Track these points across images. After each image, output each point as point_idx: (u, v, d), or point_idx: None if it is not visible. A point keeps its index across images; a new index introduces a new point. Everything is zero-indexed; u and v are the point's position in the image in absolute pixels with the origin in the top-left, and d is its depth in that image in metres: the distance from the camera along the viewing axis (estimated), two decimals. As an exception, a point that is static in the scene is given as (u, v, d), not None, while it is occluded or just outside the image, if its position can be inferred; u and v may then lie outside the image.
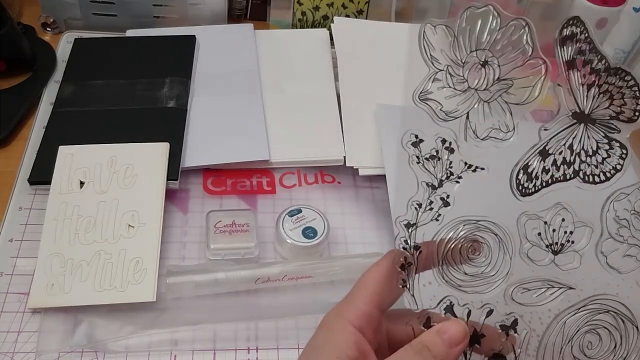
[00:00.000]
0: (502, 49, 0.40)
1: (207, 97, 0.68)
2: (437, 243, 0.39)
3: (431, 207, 0.40)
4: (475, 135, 0.40)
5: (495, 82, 0.40)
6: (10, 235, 0.56)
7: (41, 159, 0.60)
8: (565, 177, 0.40)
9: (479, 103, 0.41)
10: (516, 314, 0.38)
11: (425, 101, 0.41)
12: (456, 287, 0.39)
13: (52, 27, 0.76)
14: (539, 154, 0.40)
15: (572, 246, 0.40)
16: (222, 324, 0.52)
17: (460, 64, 0.41)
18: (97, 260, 0.53)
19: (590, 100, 0.39)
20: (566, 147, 0.40)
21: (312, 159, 0.65)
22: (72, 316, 0.50)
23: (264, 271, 0.53)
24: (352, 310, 0.37)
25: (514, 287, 0.39)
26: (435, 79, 0.41)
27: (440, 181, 0.40)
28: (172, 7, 0.77)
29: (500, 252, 0.39)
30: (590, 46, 0.39)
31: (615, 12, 0.81)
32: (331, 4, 0.80)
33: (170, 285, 0.52)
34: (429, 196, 0.40)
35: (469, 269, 0.39)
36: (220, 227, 0.56)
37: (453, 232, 0.39)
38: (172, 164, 0.60)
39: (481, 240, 0.39)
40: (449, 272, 0.39)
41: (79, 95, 0.66)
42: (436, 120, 0.41)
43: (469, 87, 0.41)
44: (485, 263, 0.39)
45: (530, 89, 0.40)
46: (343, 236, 0.60)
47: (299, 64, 0.74)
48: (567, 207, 0.40)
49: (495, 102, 0.40)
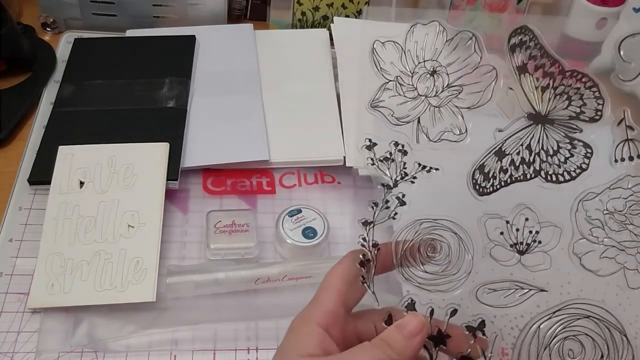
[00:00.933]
0: (450, 59, 0.43)
1: (207, 97, 0.68)
2: (394, 242, 0.39)
3: (387, 206, 0.41)
4: (427, 138, 0.42)
5: (445, 88, 0.43)
6: (10, 235, 0.56)
7: (41, 159, 0.60)
8: (526, 177, 0.41)
9: (429, 108, 0.43)
10: (483, 316, 0.38)
11: (377, 108, 0.43)
12: (417, 286, 0.39)
13: (52, 27, 0.76)
14: (495, 154, 0.41)
15: (540, 246, 0.40)
16: (222, 324, 0.52)
17: (409, 74, 0.43)
18: (97, 260, 0.52)
19: (546, 102, 0.41)
20: (524, 147, 0.41)
21: (311, 159, 0.65)
22: (72, 316, 0.50)
23: (264, 271, 0.53)
24: (317, 310, 0.38)
25: (479, 287, 0.39)
26: (386, 88, 0.43)
27: (395, 181, 0.41)
28: (171, 7, 0.77)
29: (462, 251, 0.40)
30: (542, 51, 0.41)
31: (615, 12, 0.81)
32: (331, 4, 0.80)
33: (170, 285, 0.52)
34: (384, 195, 0.41)
35: (429, 267, 0.40)
36: (220, 227, 0.56)
37: (411, 230, 0.40)
38: (172, 164, 0.60)
39: (440, 239, 0.40)
40: (409, 270, 0.40)
41: (79, 95, 0.66)
42: (388, 125, 0.43)
43: (418, 95, 0.43)
44: (446, 262, 0.40)
45: (482, 93, 0.42)
46: (343, 236, 0.60)
47: (298, 64, 0.74)
48: (530, 206, 0.40)
49: (446, 107, 0.43)
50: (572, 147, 0.40)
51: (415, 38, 0.44)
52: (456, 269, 0.40)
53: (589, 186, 0.40)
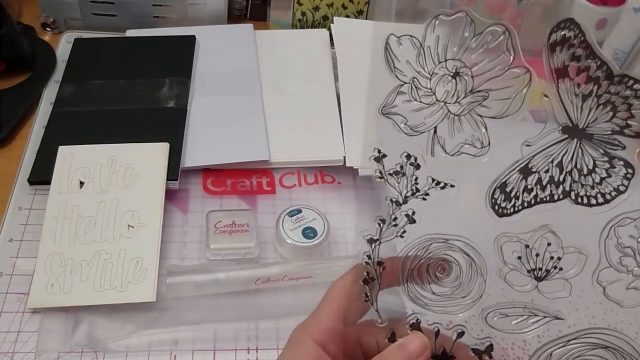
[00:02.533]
0: (477, 59, 0.37)
1: (207, 97, 0.68)
2: (402, 260, 0.37)
3: (395, 224, 0.38)
4: (443, 150, 0.38)
5: (468, 94, 0.37)
6: (10, 235, 0.56)
7: (41, 159, 0.60)
8: (553, 198, 0.36)
9: (448, 116, 0.38)
10: (492, 339, 0.36)
11: (389, 115, 0.38)
12: (423, 306, 0.37)
13: (52, 27, 0.76)
14: (520, 171, 0.37)
15: (561, 273, 0.37)
16: (222, 324, 0.52)
17: (427, 75, 0.38)
18: (97, 260, 0.52)
19: (586, 112, 0.35)
20: (554, 164, 0.36)
21: (312, 159, 0.65)
22: (72, 316, 0.50)
23: (264, 271, 0.53)
24: (315, 326, 0.37)
25: (489, 311, 0.37)
26: (400, 92, 0.38)
27: (405, 197, 0.38)
28: (172, 7, 0.77)
29: (473, 273, 0.37)
30: (588, 51, 0.35)
31: (615, 12, 0.81)
32: (331, 4, 0.80)
33: (171, 285, 0.52)
34: (392, 212, 0.38)
35: (437, 288, 0.37)
36: (220, 227, 0.56)
37: (420, 249, 0.37)
38: (172, 164, 0.60)
39: (450, 260, 0.37)
40: (415, 289, 0.37)
41: (79, 95, 0.66)
42: (400, 134, 0.38)
43: (436, 100, 0.38)
44: (456, 284, 0.37)
45: (511, 100, 0.36)
46: (343, 236, 0.60)
47: (298, 64, 0.74)
48: (555, 230, 0.37)
49: (467, 115, 0.37)
50: (610, 166, 0.35)
51: (437, 32, 0.37)
52: (466, 292, 0.37)
53: (624, 210, 0.35)
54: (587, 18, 0.82)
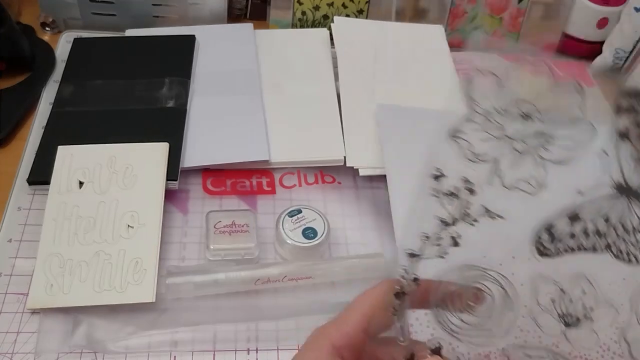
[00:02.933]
0: (549, 105, 0.39)
1: (206, 97, 0.68)
2: (438, 282, 0.37)
3: (439, 243, 0.37)
4: (501, 182, 0.38)
5: (535, 136, 0.38)
6: (9, 236, 0.56)
7: (40, 159, 0.60)
8: (594, 248, 0.37)
9: (512, 152, 0.39)
10: None
11: (456, 139, 0.39)
12: (449, 333, 0.37)
13: (51, 26, 0.76)
14: (568, 217, 0.37)
15: (591, 324, 0.37)
16: (222, 325, 0.52)
17: (501, 111, 0.39)
18: (97, 260, 0.52)
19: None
20: (601, 216, 0.37)
21: (312, 159, 0.64)
22: (72, 317, 0.50)
23: (263, 272, 0.53)
24: (336, 330, 0.37)
25: (513, 349, 0.37)
26: (471, 120, 0.39)
27: (454, 219, 0.38)
28: (171, 7, 0.76)
29: (505, 307, 0.37)
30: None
31: (616, 12, 0.81)
32: (331, 4, 0.79)
33: (170, 286, 0.51)
34: (439, 232, 0.38)
35: (466, 317, 0.37)
36: (220, 227, 0.56)
37: (458, 275, 0.37)
38: (172, 164, 0.59)
39: (485, 291, 0.37)
40: (445, 314, 0.37)
41: (78, 95, 0.66)
42: (463, 159, 0.39)
43: (504, 136, 0.39)
44: (486, 315, 0.37)
45: (574, 151, 0.38)
46: (343, 237, 0.59)
47: (299, 64, 0.74)
48: (591, 280, 0.37)
49: (531, 155, 0.38)
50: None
51: (518, 76, 0.39)
52: (495, 325, 0.37)
53: None
54: (588, 17, 0.82)
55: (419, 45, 0.77)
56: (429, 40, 0.78)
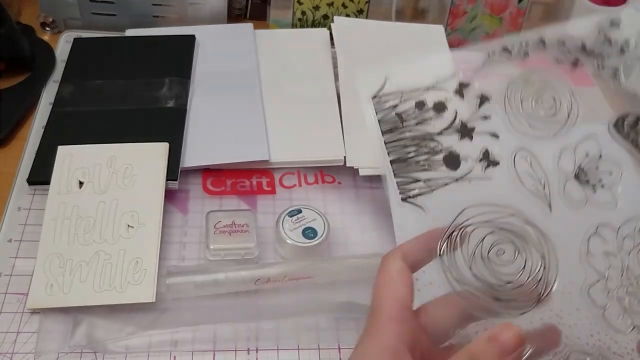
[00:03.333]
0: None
1: (206, 97, 0.68)
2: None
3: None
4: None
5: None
6: (9, 236, 0.56)
7: (40, 159, 0.60)
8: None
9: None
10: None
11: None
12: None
13: (51, 26, 0.76)
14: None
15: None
16: (222, 325, 0.52)
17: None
18: (97, 260, 0.52)
19: None
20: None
21: (312, 159, 0.64)
22: (72, 317, 0.50)
23: (263, 272, 0.53)
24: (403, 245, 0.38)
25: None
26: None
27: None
28: (171, 7, 0.76)
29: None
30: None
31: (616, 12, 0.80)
32: (331, 4, 0.79)
33: (170, 286, 0.51)
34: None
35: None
36: (220, 227, 0.56)
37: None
38: (172, 164, 0.59)
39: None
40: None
41: (78, 95, 0.66)
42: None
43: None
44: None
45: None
46: (343, 236, 0.59)
47: (299, 64, 0.74)
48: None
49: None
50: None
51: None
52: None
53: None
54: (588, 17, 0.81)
55: (419, 45, 0.77)
56: (429, 40, 0.78)
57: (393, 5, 0.80)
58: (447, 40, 0.78)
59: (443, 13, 0.80)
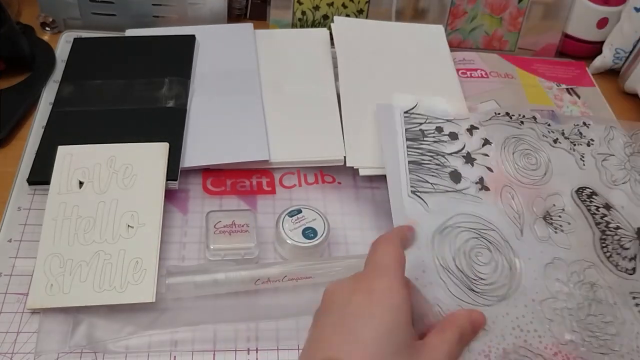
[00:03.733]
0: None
1: (206, 97, 0.68)
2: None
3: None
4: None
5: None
6: (9, 236, 0.56)
7: (40, 159, 0.60)
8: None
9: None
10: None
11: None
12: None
13: (51, 26, 0.76)
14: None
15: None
16: (222, 325, 0.52)
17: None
18: (97, 260, 0.52)
19: None
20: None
21: (312, 159, 0.64)
22: (72, 317, 0.50)
23: (263, 272, 0.53)
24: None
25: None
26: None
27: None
28: (171, 7, 0.76)
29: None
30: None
31: (616, 11, 0.81)
32: (331, 4, 0.79)
33: (170, 286, 0.51)
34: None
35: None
36: (220, 227, 0.56)
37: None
38: (172, 164, 0.59)
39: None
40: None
41: (78, 95, 0.66)
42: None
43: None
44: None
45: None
46: (343, 236, 0.60)
47: (299, 64, 0.74)
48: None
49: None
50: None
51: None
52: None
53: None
54: (588, 17, 0.82)
55: (419, 45, 0.77)
56: (429, 40, 0.78)
57: (393, 5, 0.80)
58: (447, 40, 0.78)
59: (443, 13, 0.80)
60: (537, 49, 0.84)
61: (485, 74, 0.78)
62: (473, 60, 0.80)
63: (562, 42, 0.84)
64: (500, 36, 0.83)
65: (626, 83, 0.81)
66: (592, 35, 0.83)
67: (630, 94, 0.81)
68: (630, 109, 0.80)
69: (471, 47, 0.83)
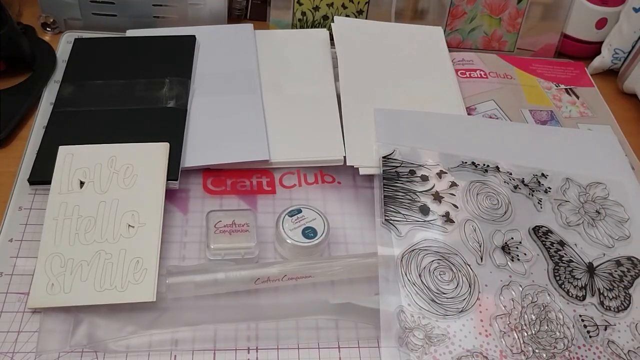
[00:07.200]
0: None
1: (207, 97, 0.68)
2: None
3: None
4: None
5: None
6: (10, 235, 0.56)
7: (41, 159, 0.60)
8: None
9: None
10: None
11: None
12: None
13: (52, 27, 0.76)
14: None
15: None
16: (222, 324, 0.52)
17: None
18: (97, 260, 0.53)
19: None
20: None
21: (312, 159, 0.65)
22: (72, 316, 0.50)
23: (263, 271, 0.53)
24: None
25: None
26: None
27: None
28: (172, 7, 0.77)
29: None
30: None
31: (615, 12, 0.81)
32: (331, 4, 0.80)
33: (171, 286, 0.52)
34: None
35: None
36: (220, 227, 0.56)
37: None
38: (172, 163, 0.60)
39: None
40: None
41: (79, 95, 0.66)
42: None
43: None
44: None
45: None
46: (343, 236, 0.60)
47: (299, 64, 0.74)
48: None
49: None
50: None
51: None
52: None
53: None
54: (587, 18, 0.82)
55: (419, 46, 0.77)
56: (429, 41, 0.78)
57: (393, 6, 0.80)
58: (446, 40, 0.78)
59: (442, 13, 0.81)
60: (536, 50, 0.85)
61: (484, 74, 0.78)
62: (472, 60, 0.80)
63: (561, 42, 0.85)
64: (499, 36, 0.83)
65: (625, 83, 0.81)
66: (591, 36, 0.83)
67: (629, 94, 0.82)
68: (629, 109, 0.80)
69: (470, 47, 0.84)
